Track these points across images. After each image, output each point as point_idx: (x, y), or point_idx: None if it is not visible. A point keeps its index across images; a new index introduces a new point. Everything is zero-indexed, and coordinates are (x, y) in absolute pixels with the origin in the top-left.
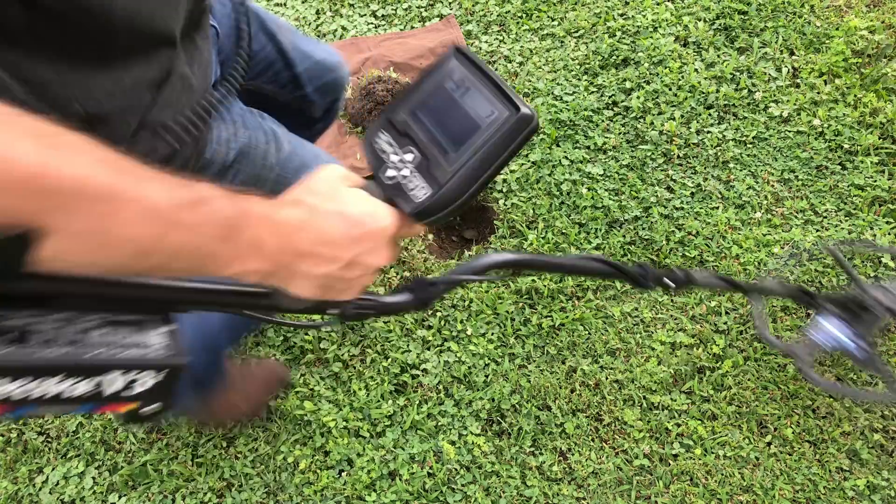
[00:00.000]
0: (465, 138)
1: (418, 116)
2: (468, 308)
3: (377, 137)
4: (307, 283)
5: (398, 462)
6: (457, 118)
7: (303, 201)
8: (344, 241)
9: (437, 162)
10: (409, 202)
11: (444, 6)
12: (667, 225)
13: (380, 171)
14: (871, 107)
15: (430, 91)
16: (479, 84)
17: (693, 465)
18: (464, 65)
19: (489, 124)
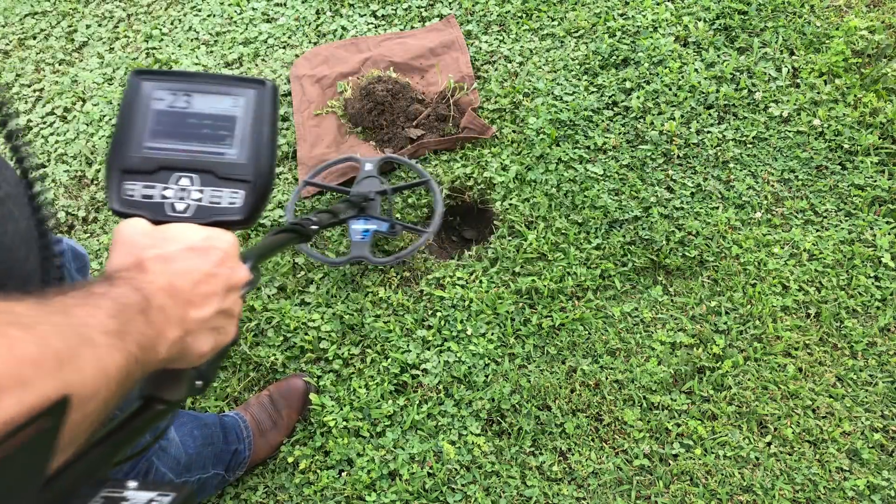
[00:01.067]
0: (228, 132)
1: (155, 147)
2: (468, 308)
3: (125, 193)
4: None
5: (398, 462)
6: (200, 123)
7: (147, 258)
8: (210, 269)
9: (222, 165)
10: (233, 210)
11: (444, 6)
12: (667, 225)
13: (166, 211)
14: (871, 107)
15: (145, 119)
16: (195, 85)
17: (693, 465)
18: (158, 80)
19: (246, 108)
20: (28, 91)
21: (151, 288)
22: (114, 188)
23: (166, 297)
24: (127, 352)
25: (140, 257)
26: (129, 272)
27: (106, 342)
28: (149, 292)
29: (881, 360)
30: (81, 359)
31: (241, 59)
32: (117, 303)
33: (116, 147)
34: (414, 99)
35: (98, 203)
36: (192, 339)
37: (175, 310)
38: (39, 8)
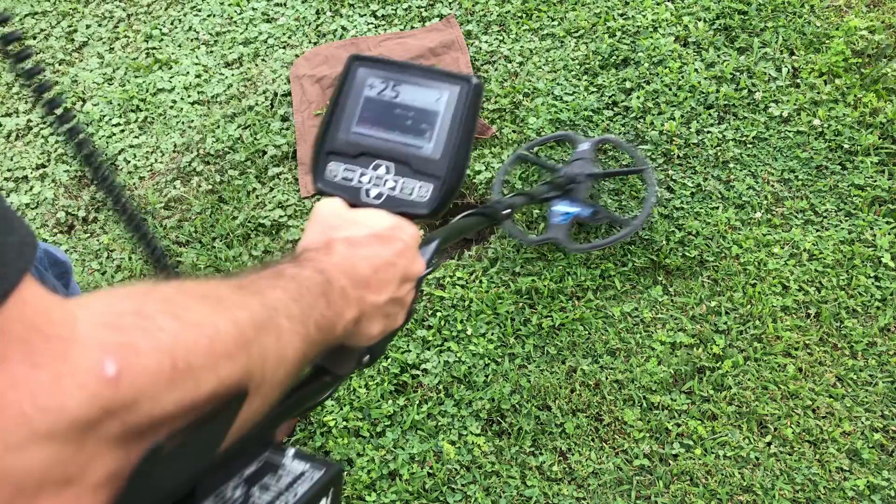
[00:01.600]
0: (428, 126)
1: (361, 133)
2: (468, 308)
3: (327, 174)
4: (377, 318)
5: (398, 462)
6: (405, 114)
7: (336, 239)
8: (391, 258)
9: (417, 158)
10: (420, 204)
11: (444, 6)
12: (667, 225)
13: (361, 196)
14: (871, 107)
15: (356, 105)
16: (406, 76)
17: (693, 465)
18: (373, 67)
19: (448, 104)
20: (28, 91)
21: (335, 271)
22: (319, 167)
23: (347, 279)
24: (307, 335)
25: (330, 238)
26: (317, 252)
27: (288, 327)
28: (332, 275)
29: (881, 360)
30: (267, 347)
31: (241, 59)
32: (302, 286)
33: (327, 128)
34: None
35: (98, 203)
36: (366, 321)
37: (353, 292)
38: (39, 8)
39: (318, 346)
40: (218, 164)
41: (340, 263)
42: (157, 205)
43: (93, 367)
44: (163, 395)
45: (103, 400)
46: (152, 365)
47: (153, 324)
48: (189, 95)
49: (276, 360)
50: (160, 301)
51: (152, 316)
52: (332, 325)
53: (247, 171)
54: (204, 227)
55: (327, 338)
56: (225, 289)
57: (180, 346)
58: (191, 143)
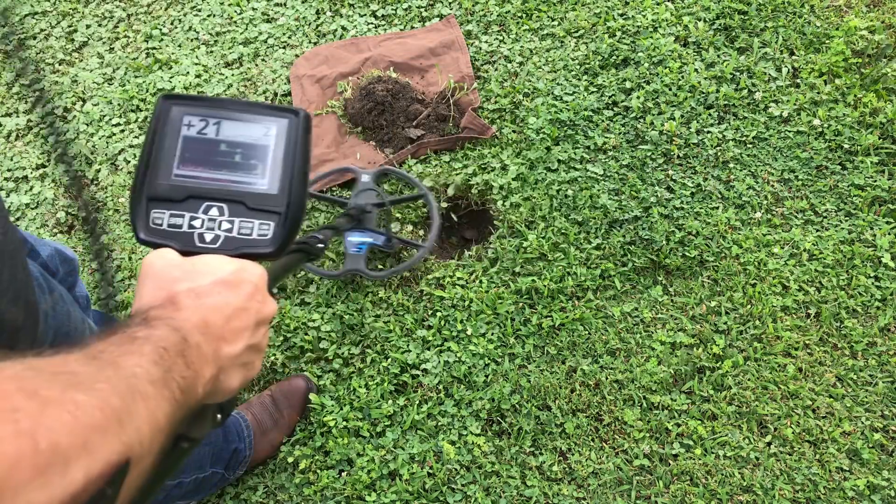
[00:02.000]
0: (258, 161)
1: (185, 175)
2: (468, 308)
3: (152, 222)
4: (235, 369)
5: (398, 462)
6: (231, 151)
7: (178, 292)
8: (241, 303)
9: (252, 195)
10: (263, 242)
11: (444, 6)
12: (667, 225)
13: (195, 242)
14: (871, 107)
15: (175, 146)
16: (225, 112)
17: (693, 465)
18: (188, 105)
19: (277, 137)
20: (28, 91)
21: (187, 326)
22: (140, 216)
23: (200, 334)
24: (173, 399)
25: (172, 291)
26: (163, 309)
27: (154, 392)
28: (185, 331)
29: (881, 360)
30: (138, 416)
31: (241, 59)
32: (158, 347)
33: (144, 173)
34: (414, 99)
35: (98, 203)
36: (224, 375)
37: (209, 346)
38: (39, 8)
39: (184, 409)
40: None
41: (190, 318)
42: None
43: None
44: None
45: None
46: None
47: (8, 404)
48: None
49: (151, 427)
50: (13, 379)
51: (9, 396)
52: (193, 385)
53: None
54: None
55: (190, 400)
56: (75, 363)
57: (41, 426)
58: None
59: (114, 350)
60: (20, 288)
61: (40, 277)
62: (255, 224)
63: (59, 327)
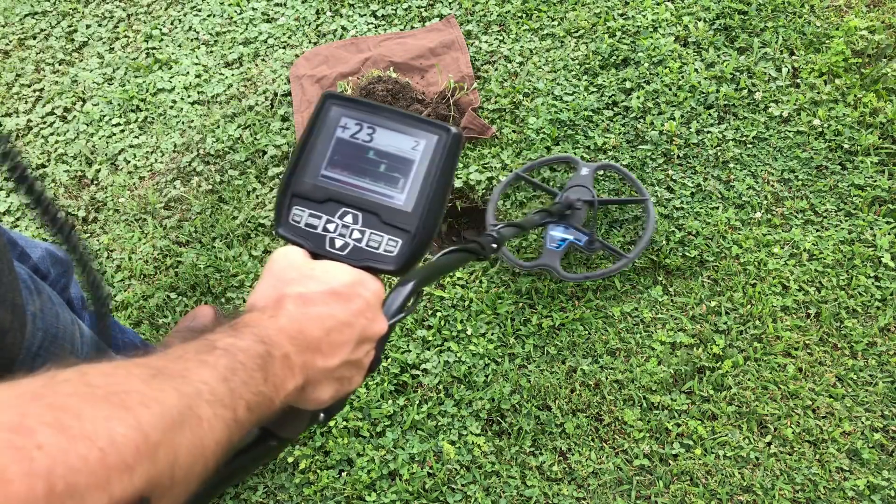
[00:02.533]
0: (401, 176)
1: (330, 177)
2: (468, 308)
3: (292, 218)
4: (327, 382)
5: (398, 462)
6: (378, 160)
7: (287, 295)
8: (347, 317)
9: (388, 209)
10: (386, 259)
11: (444, 6)
12: (667, 225)
13: (325, 245)
14: (871, 107)
15: (328, 147)
16: (382, 119)
17: (693, 465)
18: (348, 107)
19: (424, 153)
20: (28, 91)
21: (278, 337)
22: (283, 211)
23: (291, 344)
24: (234, 419)
25: (282, 293)
26: (262, 314)
27: (209, 415)
28: (273, 342)
29: (881, 360)
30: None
31: (241, 59)
32: (235, 360)
33: (294, 168)
34: (414, 99)
35: (98, 203)
36: (313, 387)
37: (298, 357)
38: (39, 8)
39: (248, 427)
40: (218, 164)
41: (286, 327)
42: (157, 205)
43: None
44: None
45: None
46: (21, 492)
47: (31, 441)
48: (189, 95)
49: (191, 455)
50: (48, 408)
51: (32, 431)
52: (269, 400)
53: (247, 171)
54: (204, 227)
55: (262, 415)
56: (137, 380)
57: (60, 465)
58: (191, 143)
59: (189, 359)
60: (6, 290)
61: (28, 279)
62: (384, 238)
63: (47, 329)
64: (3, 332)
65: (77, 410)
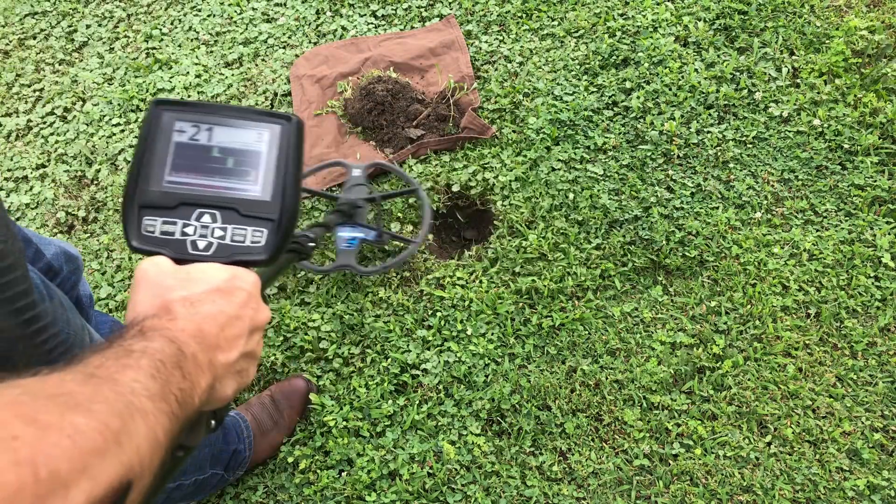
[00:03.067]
0: (251, 168)
1: (176, 181)
2: (468, 308)
3: (145, 229)
4: (230, 377)
5: (398, 462)
6: (223, 157)
7: (172, 300)
8: (236, 311)
9: (245, 202)
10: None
11: (444, 6)
12: (667, 225)
13: (187, 249)
14: (871, 107)
15: (166, 152)
16: (217, 118)
17: (693, 465)
18: (179, 111)
19: (270, 143)
20: (28, 91)
21: (183, 336)
22: (132, 223)
23: (196, 343)
24: (171, 412)
25: (166, 300)
26: (158, 319)
27: (152, 408)
28: (181, 341)
29: (881, 360)
30: (137, 434)
31: (241, 59)
32: (155, 360)
33: (135, 180)
34: (414, 99)
35: (98, 203)
36: (219, 384)
37: (204, 356)
38: (39, 8)
39: (182, 421)
40: None
41: (187, 328)
42: None
43: None
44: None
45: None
46: (11, 481)
47: (6, 432)
48: (189, 95)
49: (150, 445)
50: (9, 406)
51: (7, 423)
52: (191, 396)
53: None
54: None
55: (186, 410)
56: (72, 383)
57: (40, 454)
58: None
59: (111, 365)
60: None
61: (41, 284)
62: (248, 231)
63: (58, 334)
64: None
65: (32, 409)
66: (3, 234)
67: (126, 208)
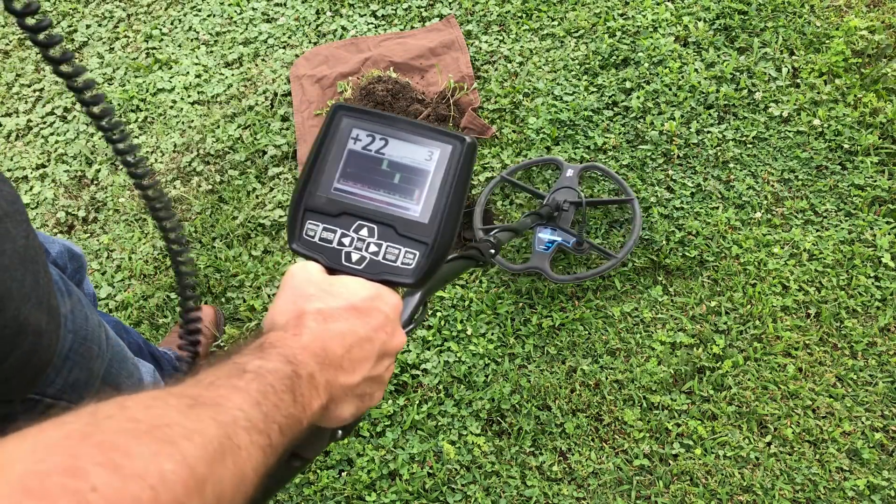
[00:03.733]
0: (416, 187)
1: (343, 190)
2: (468, 308)
3: (306, 232)
4: (349, 399)
5: (398, 462)
6: (391, 172)
7: (307, 311)
8: (368, 333)
9: (403, 221)
10: (404, 272)
11: (444, 6)
12: (667, 225)
13: (341, 259)
14: (871, 107)
15: (339, 159)
16: (394, 130)
17: (693, 465)
18: (360, 119)
19: (438, 163)
20: (28, 91)
21: (303, 356)
22: (297, 226)
23: (316, 363)
24: (269, 444)
25: (302, 309)
26: (284, 332)
27: (248, 443)
28: (300, 362)
29: (881, 360)
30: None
31: (241, 59)
32: (265, 383)
33: (306, 182)
34: (414, 99)
35: (98, 203)
36: (336, 405)
37: (322, 376)
38: (39, 8)
39: (281, 450)
40: (218, 164)
41: (310, 345)
42: None
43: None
44: None
45: None
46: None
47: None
48: (189, 95)
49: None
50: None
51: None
52: (298, 421)
53: (247, 171)
54: (204, 227)
55: (293, 437)
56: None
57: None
58: (191, 143)
59: (221, 384)
60: (42, 293)
61: (59, 281)
62: (401, 251)
63: (77, 331)
64: (39, 333)
65: (126, 448)
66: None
67: (293, 209)
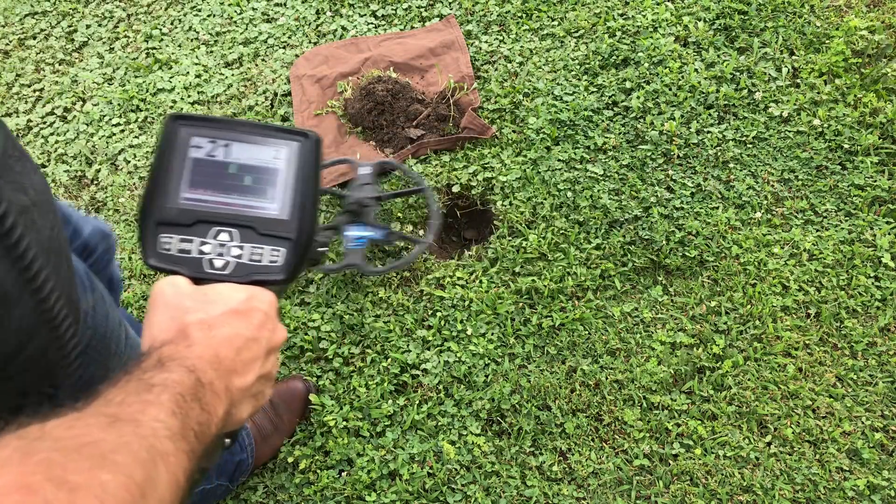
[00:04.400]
0: (268, 186)
1: (193, 198)
2: (468, 308)
3: (161, 247)
4: (246, 401)
5: (398, 462)
6: (240, 174)
7: (190, 323)
8: (252, 333)
9: (263, 220)
10: (274, 269)
11: (444, 6)
12: (667, 225)
13: (204, 268)
14: (871, 107)
15: (183, 168)
16: (235, 134)
17: (693, 465)
18: (197, 126)
19: (287, 161)
20: (28, 91)
21: (200, 364)
22: (149, 241)
23: (213, 370)
24: (191, 450)
25: (183, 323)
26: (176, 346)
27: (173, 449)
28: (199, 371)
29: (881, 360)
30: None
31: (241, 59)
32: (175, 394)
33: (152, 196)
34: (414, 99)
35: (98, 203)
36: (235, 408)
37: (220, 382)
38: (39, 8)
39: (200, 454)
40: None
41: (203, 354)
42: None
43: None
44: None
45: None
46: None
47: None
48: (189, 95)
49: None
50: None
51: (39, 489)
52: (208, 427)
53: None
54: None
55: (205, 443)
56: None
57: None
58: None
59: (132, 402)
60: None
61: (84, 276)
62: (265, 250)
63: (96, 328)
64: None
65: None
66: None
67: (143, 224)
